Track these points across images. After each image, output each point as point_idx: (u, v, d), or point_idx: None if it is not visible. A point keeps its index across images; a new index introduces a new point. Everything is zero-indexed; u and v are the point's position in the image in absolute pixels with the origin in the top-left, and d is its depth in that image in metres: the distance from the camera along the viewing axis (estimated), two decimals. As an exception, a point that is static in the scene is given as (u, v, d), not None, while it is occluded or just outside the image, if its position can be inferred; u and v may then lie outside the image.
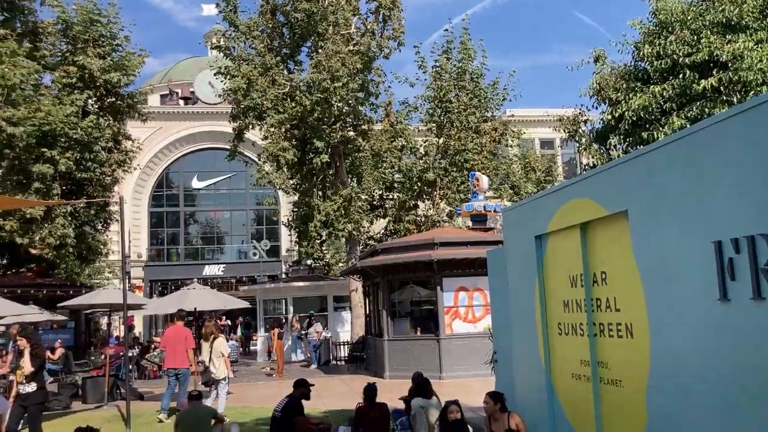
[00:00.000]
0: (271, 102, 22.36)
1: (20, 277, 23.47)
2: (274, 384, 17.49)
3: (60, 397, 14.72)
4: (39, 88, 21.40)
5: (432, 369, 15.89)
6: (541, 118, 40.55)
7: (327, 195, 23.92)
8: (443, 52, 26.83)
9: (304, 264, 28.50)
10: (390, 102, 25.92)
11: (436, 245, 16.95)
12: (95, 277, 32.77)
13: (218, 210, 46.05)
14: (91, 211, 24.31)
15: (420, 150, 27.11)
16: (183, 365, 12.48)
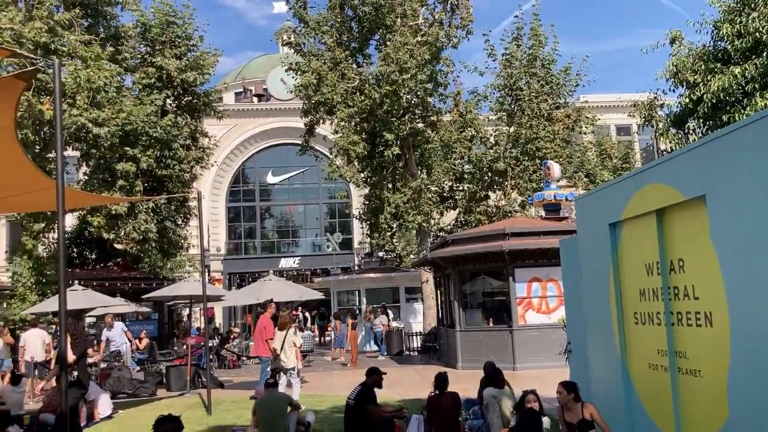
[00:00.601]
0: (341, 96, 22.61)
1: (108, 270, 24.64)
2: (349, 373, 17.76)
3: (146, 385, 15.44)
4: (121, 89, 22.34)
5: (505, 360, 15.77)
6: (616, 103, 39.35)
7: (397, 187, 24.02)
8: (513, 39, 26.43)
9: (376, 256, 28.72)
10: (459, 92, 25.77)
11: (508, 235, 16.78)
12: (177, 271, 34.01)
13: (292, 204, 46.96)
14: (171, 206, 25.28)
15: (490, 139, 26.82)
16: (264, 353, 12.87)
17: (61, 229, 5.51)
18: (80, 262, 26.10)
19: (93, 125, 20.15)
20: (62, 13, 21.21)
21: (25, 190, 8.24)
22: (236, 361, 22.12)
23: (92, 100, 20.33)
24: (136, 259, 25.69)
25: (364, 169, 25.01)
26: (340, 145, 23.03)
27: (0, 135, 6.50)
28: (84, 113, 19.97)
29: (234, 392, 14.76)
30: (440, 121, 25.27)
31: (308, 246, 46.58)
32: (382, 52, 22.99)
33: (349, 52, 24.07)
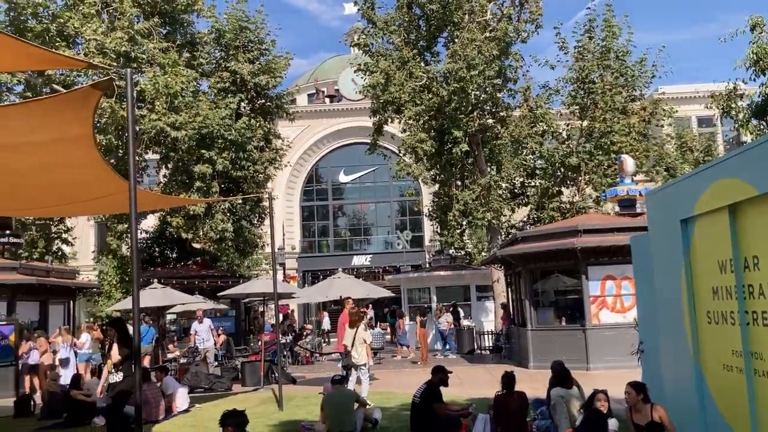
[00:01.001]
0: (409, 95, 22.66)
1: (187, 269, 25.58)
2: (419, 371, 17.77)
3: (222, 380, 15.93)
4: (197, 94, 23.14)
5: (578, 359, 15.43)
6: (694, 94, 37.78)
7: (465, 184, 23.87)
8: (585, 31, 25.77)
9: (446, 254, 28.62)
10: (529, 87, 25.36)
11: (580, 232, 16.39)
12: (253, 269, 34.91)
13: (364, 202, 47.43)
14: (246, 207, 26.00)
15: (562, 134, 26.25)
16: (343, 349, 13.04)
17: (134, 230, 5.78)
18: (161, 261, 27.21)
19: (171, 129, 20.97)
20: (142, 22, 22.16)
21: (105, 193, 8.66)
22: (309, 358, 22.51)
23: (170, 105, 21.16)
24: (214, 257, 26.57)
25: (433, 167, 24.98)
26: (408, 143, 23.09)
27: (80, 142, 6.85)
28: (162, 118, 20.80)
29: (306, 388, 15.03)
30: (510, 117, 24.93)
31: (380, 244, 46.93)
32: (449, 49, 22.90)
33: (416, 50, 24.09)
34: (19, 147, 7.07)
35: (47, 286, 17.10)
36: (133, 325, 5.82)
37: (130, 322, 18.47)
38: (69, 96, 6.99)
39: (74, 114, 6.44)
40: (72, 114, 6.45)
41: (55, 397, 12.29)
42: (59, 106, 6.61)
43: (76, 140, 6.86)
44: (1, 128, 6.72)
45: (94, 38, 20.09)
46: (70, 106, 6.46)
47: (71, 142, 6.89)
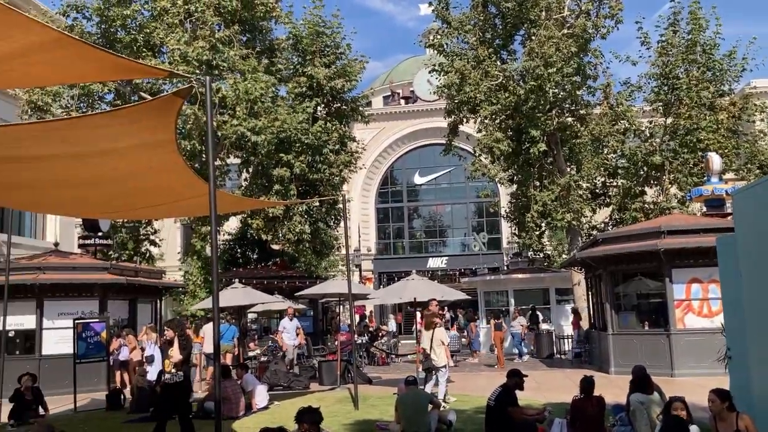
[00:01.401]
0: (484, 94, 22.47)
1: (267, 269, 26.23)
2: (496, 375, 17.58)
3: (300, 378, 16.27)
4: (276, 99, 23.71)
5: (662, 365, 14.89)
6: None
7: (544, 184, 23.43)
8: (670, 24, 24.83)
9: (524, 256, 28.16)
10: (609, 83, 24.65)
11: (664, 234, 15.79)
12: (331, 269, 35.46)
13: (440, 204, 47.29)
14: (323, 209, 26.44)
15: (645, 132, 25.36)
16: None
17: (214, 231, 5.99)
18: (243, 262, 28.04)
19: (251, 134, 21.56)
20: (223, 30, 22.90)
21: (188, 196, 9.01)
22: (385, 359, 22.65)
23: (250, 111, 21.77)
24: (292, 258, 27.16)
25: (510, 167, 24.65)
26: (484, 143, 22.88)
27: (163, 147, 7.17)
28: (243, 123, 21.43)
29: (381, 388, 15.13)
30: (590, 115, 24.31)
31: (456, 246, 46.67)
32: (526, 47, 22.56)
33: (492, 49, 23.86)
34: (107, 152, 7.46)
35: (136, 286, 17.90)
36: (213, 323, 6.03)
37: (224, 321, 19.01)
38: (152, 104, 7.32)
39: (158, 120, 6.75)
40: (156, 120, 6.76)
41: (143, 392, 12.86)
42: (144, 114, 6.94)
43: (160, 145, 7.18)
44: (91, 136, 7.12)
45: (178, 47, 20.91)
46: (153, 113, 6.77)
47: (155, 147, 7.22)
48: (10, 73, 6.38)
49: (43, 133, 7.50)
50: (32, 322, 16.21)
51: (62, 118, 11.04)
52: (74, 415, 12.89)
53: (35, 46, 5.40)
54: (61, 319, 16.15)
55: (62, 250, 19.14)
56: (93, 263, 17.75)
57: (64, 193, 8.91)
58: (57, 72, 6.62)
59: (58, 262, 17.17)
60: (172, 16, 21.80)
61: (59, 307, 16.45)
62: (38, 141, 7.23)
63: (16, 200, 10.26)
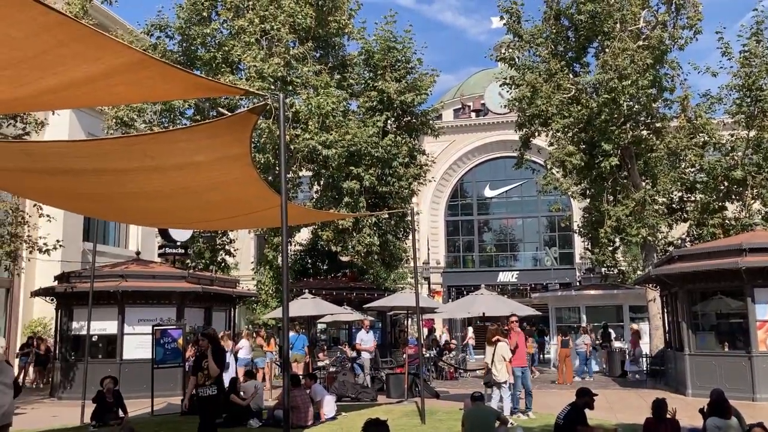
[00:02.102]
0: (556, 107, 22.17)
1: (337, 280, 26.58)
2: (566, 393, 17.21)
3: (368, 390, 16.40)
4: (347, 113, 24.10)
5: (743, 389, 14.26)
6: None
7: (618, 199, 22.85)
8: (752, 34, 23.80)
9: (597, 272, 27.51)
10: (687, 96, 23.84)
11: (745, 251, 15.12)
12: (399, 282, 35.59)
13: (510, 217, 46.73)
14: (392, 221, 26.61)
15: (726, 145, 24.37)
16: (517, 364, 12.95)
17: (284, 241, 6.18)
18: (313, 272, 28.51)
19: (323, 147, 22.00)
20: (297, 47, 23.52)
21: (261, 208, 9.32)
22: (453, 373, 22.53)
23: (322, 125, 22.22)
24: (361, 270, 27.42)
25: (582, 181, 24.17)
26: (556, 156, 22.55)
27: (238, 160, 7.48)
28: (315, 137, 21.90)
29: (449, 403, 15.07)
30: (666, 128, 23.58)
31: (527, 260, 45.98)
32: (600, 59, 22.15)
33: (564, 62, 23.52)
34: (186, 166, 7.83)
35: (211, 294, 18.50)
36: (283, 332, 6.21)
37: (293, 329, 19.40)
38: (229, 120, 7.64)
39: (234, 136, 7.06)
40: (232, 136, 7.07)
41: (216, 398, 13.24)
42: (221, 129, 7.27)
43: (236, 159, 7.50)
44: (171, 150, 7.50)
45: (254, 64, 21.61)
46: (230, 129, 7.09)
47: (231, 160, 7.54)
48: (96, 93, 6.80)
49: (126, 147, 7.94)
50: (114, 328, 16.98)
51: (144, 134, 11.62)
52: (151, 418, 13.42)
53: (121, 68, 5.75)
54: (140, 325, 16.87)
55: (143, 259, 19.99)
56: (171, 272, 18.47)
57: (145, 204, 9.38)
58: (140, 91, 7.00)
59: (139, 270, 17.96)
60: (249, 35, 22.55)
61: (139, 314, 17.18)
62: (122, 154, 7.66)
63: (100, 211, 10.88)
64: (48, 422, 12.97)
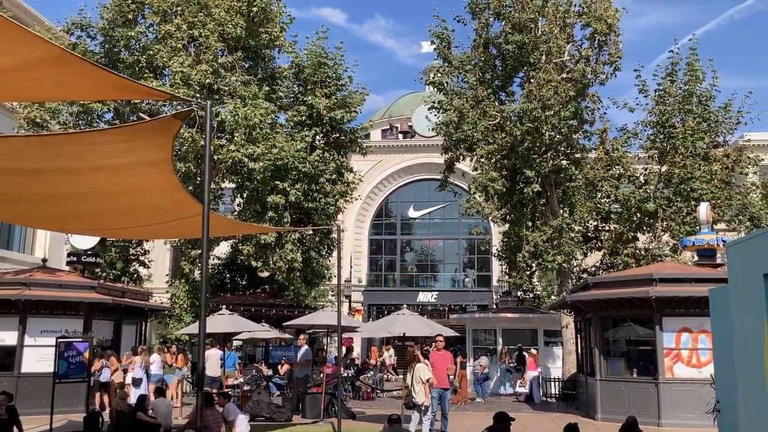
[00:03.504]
0: (482, 133, 22.62)
1: (255, 296, 26.03)
2: (481, 415, 17.37)
3: (283, 410, 16.00)
4: (275, 126, 23.77)
5: (649, 414, 14.74)
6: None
7: (536, 225, 23.46)
8: (667, 74, 25.14)
9: (514, 295, 28.06)
10: (606, 129, 24.85)
11: (655, 281, 15.75)
12: (320, 299, 35.25)
13: (432, 239, 47.33)
14: (316, 238, 26.34)
15: (640, 178, 25.51)
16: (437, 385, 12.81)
17: (205, 252, 5.92)
18: (231, 288, 27.81)
19: (248, 160, 21.56)
20: (226, 56, 23.07)
21: (181, 216, 8.95)
22: (371, 393, 22.36)
23: (248, 136, 21.80)
24: (281, 287, 26.95)
25: (503, 206, 24.70)
26: (479, 181, 22.96)
27: (159, 166, 7.17)
28: (240, 149, 21.44)
29: (365, 424, 14.89)
30: (585, 159, 24.47)
31: (447, 281, 46.58)
32: (525, 89, 22.79)
33: (491, 89, 24.06)
34: (102, 169, 7.43)
35: (122, 307, 17.69)
36: (199, 349, 5.91)
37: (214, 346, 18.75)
38: (152, 124, 7.31)
39: (155, 141, 6.75)
40: (153, 141, 6.76)
41: (123, 416, 12.57)
42: (142, 134, 6.94)
43: (156, 164, 7.18)
44: (88, 151, 7.10)
45: (181, 70, 21.03)
46: (151, 133, 6.78)
47: (151, 165, 7.22)
48: (7, 86, 6.38)
49: (38, 147, 7.47)
50: (13, 339, 15.92)
51: (60, 133, 11.01)
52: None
53: (37, 62, 5.39)
54: (43, 336, 15.88)
55: (50, 267, 18.94)
56: (80, 281, 17.54)
57: (56, 208, 8.85)
58: (57, 88, 6.63)
59: (44, 278, 16.95)
60: (176, 40, 21.96)
61: (43, 325, 16.19)
62: (32, 154, 7.20)
63: (5, 213, 10.19)
64: (-68, 440, 11.93)
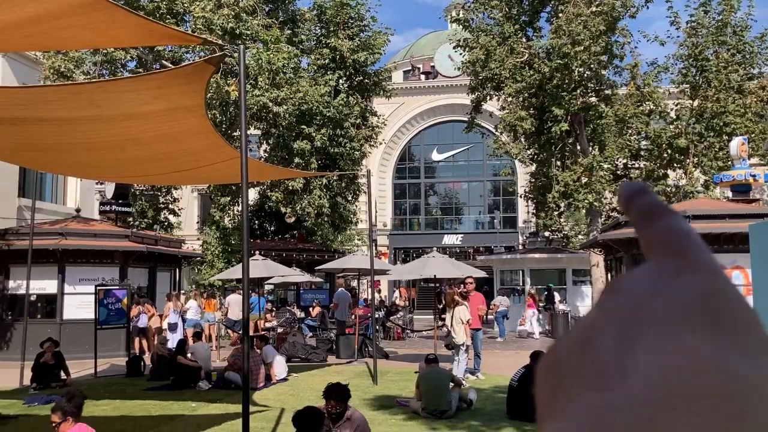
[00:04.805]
0: (509, 71, 22.15)
1: (285, 242, 26.26)
2: (511, 353, 17.57)
3: (317, 351, 16.32)
4: (298, 70, 23.50)
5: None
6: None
7: (566, 165, 23.16)
8: (700, 4, 24.23)
9: (542, 236, 28.00)
10: (636, 64, 24.16)
11: (689, 218, 15.52)
12: (346, 244, 35.51)
13: (456, 181, 47.06)
14: (342, 183, 26.34)
15: (671, 114, 24.93)
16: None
17: (245, 198, 5.92)
18: (260, 234, 28.09)
19: (273, 104, 21.43)
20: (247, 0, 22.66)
21: (215, 161, 8.96)
22: (401, 334, 22.69)
23: (272, 81, 21.61)
24: (309, 232, 27.17)
25: (531, 146, 24.38)
26: (507, 121, 22.61)
27: (193, 111, 7.14)
28: (265, 93, 21.29)
29: (398, 363, 15.16)
30: (615, 95, 23.91)
31: (471, 223, 46.53)
32: (553, 24, 22.15)
33: (518, 26, 23.43)
34: (135, 116, 7.43)
35: (156, 254, 17.98)
36: (243, 294, 5.98)
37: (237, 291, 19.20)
38: (184, 70, 7.25)
39: (188, 87, 6.70)
40: (185, 87, 6.71)
41: (163, 360, 12.94)
42: (174, 80, 6.88)
43: (190, 109, 7.16)
44: (120, 99, 7.08)
45: (202, 15, 20.74)
46: (184, 79, 6.72)
47: (185, 110, 7.19)
48: (39, 35, 6.32)
49: (70, 95, 7.47)
50: (54, 287, 16.34)
51: (92, 81, 10.94)
52: (95, 380, 13.03)
53: (69, 9, 5.32)
54: (82, 284, 16.27)
55: (83, 216, 19.22)
56: (114, 230, 17.80)
57: (90, 155, 8.89)
58: (88, 36, 6.55)
59: (79, 228, 17.24)
60: (196, -16, 21.58)
61: (80, 273, 16.56)
62: (65, 103, 7.20)
63: (40, 162, 10.28)
64: (-16, 385, 12.44)
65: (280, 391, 11.59)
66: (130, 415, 9.63)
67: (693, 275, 0.31)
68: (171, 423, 9.12)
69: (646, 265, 0.33)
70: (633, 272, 0.33)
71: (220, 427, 8.70)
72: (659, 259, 0.33)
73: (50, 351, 12.20)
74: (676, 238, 0.34)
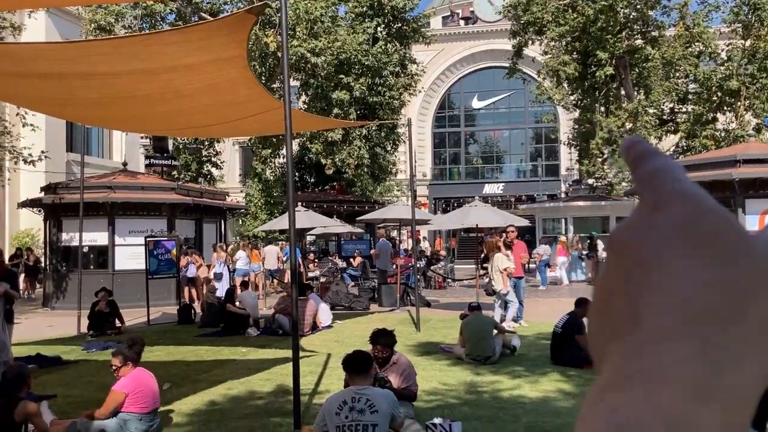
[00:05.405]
0: (552, 14, 21.54)
1: (325, 193, 26.46)
2: (554, 301, 17.57)
3: (360, 299, 16.58)
4: (336, 19, 23.23)
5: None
6: None
7: (610, 110, 22.62)
8: (754, -63, 23.02)
9: (585, 183, 27.58)
10: (686, 2, 23.21)
11: (739, 162, 15.14)
12: (386, 195, 35.58)
13: (497, 129, 46.36)
14: (381, 133, 26.24)
15: (721, 55, 23.99)
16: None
17: (289, 150, 5.97)
18: (301, 186, 28.33)
19: (311, 55, 21.31)
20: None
21: (257, 112, 9.01)
22: (442, 283, 22.85)
23: (310, 31, 21.44)
24: (349, 183, 27.28)
25: (575, 92, 23.84)
26: (550, 66, 22.12)
27: (234, 62, 7.16)
28: (303, 44, 21.16)
29: (440, 311, 15.31)
30: (662, 37, 23.08)
31: (513, 172, 45.99)
32: (597, -37, 21.37)
33: (562, -34, 22.68)
34: (179, 68, 7.48)
35: (201, 206, 18.33)
36: (290, 244, 6.09)
37: (278, 242, 19.53)
38: (225, 21, 7.24)
39: (229, 38, 6.70)
40: (227, 38, 6.71)
41: (213, 308, 13.33)
42: (216, 31, 6.89)
43: (231, 60, 7.17)
44: (163, 52, 7.13)
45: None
46: (225, 30, 6.72)
47: (226, 61, 7.21)
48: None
49: (113, 49, 7.55)
50: (104, 239, 16.86)
51: (134, 34, 11.06)
52: (148, 327, 13.50)
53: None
54: (131, 236, 16.74)
55: (130, 170, 19.64)
56: (160, 183, 18.19)
57: (134, 108, 9.03)
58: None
59: (127, 181, 17.65)
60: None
61: (129, 225, 17.02)
62: (108, 57, 7.28)
63: (86, 116, 10.49)
64: (44, 332, 13.01)
65: (326, 337, 11.85)
66: (184, 360, 9.99)
67: (669, 207, 0.34)
68: (223, 367, 9.44)
69: (635, 208, 0.36)
70: (627, 217, 0.37)
71: (271, 371, 8.97)
72: (641, 198, 0.36)
73: (104, 300, 12.66)
74: (654, 176, 0.36)
